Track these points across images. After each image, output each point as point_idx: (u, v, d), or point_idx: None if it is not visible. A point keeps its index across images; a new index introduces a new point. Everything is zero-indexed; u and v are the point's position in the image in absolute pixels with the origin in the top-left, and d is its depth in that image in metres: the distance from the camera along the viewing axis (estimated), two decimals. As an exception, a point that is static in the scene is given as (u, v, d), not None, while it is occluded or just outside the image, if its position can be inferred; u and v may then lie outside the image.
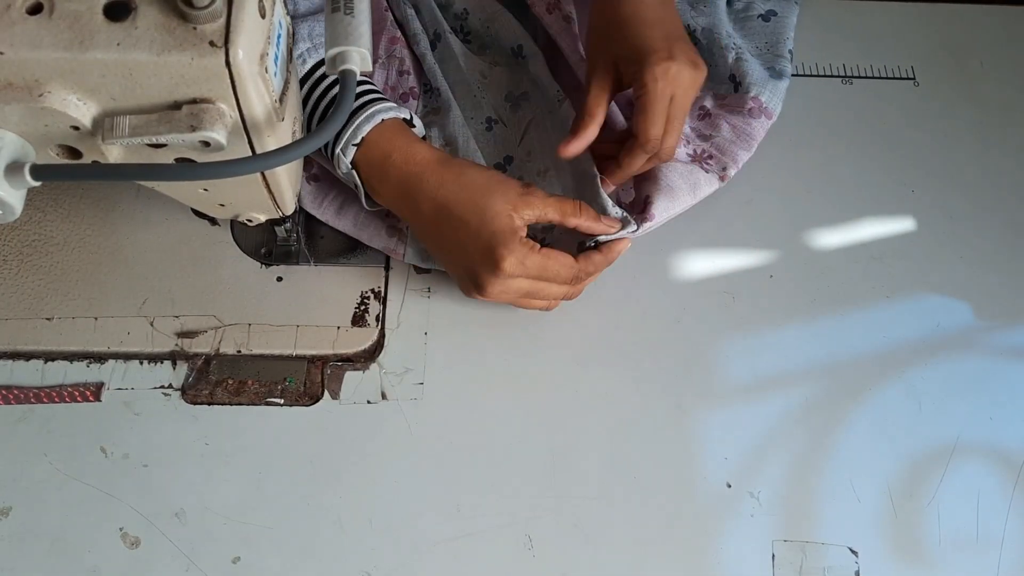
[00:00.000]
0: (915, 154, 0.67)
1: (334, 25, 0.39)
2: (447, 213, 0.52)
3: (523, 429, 0.56)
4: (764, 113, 0.60)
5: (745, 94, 0.60)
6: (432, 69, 0.63)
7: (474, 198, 0.52)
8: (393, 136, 0.53)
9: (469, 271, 0.53)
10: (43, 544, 0.52)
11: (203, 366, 0.57)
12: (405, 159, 0.53)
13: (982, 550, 0.54)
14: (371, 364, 0.58)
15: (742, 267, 0.61)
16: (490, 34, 0.66)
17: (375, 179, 0.54)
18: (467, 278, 0.54)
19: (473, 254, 0.52)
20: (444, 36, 0.64)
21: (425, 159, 0.53)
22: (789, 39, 0.64)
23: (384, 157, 0.53)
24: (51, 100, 0.36)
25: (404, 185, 0.53)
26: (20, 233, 0.60)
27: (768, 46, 0.64)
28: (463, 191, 0.52)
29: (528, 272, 0.52)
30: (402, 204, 0.54)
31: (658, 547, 0.53)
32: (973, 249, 0.63)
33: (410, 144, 0.53)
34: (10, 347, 0.57)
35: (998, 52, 0.72)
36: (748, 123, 0.60)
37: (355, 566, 0.52)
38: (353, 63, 0.39)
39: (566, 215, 0.53)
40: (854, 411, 0.58)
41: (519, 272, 0.52)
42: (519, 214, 0.52)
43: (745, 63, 0.61)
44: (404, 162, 0.53)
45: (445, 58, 0.65)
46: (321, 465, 0.55)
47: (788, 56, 0.63)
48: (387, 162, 0.53)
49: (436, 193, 0.52)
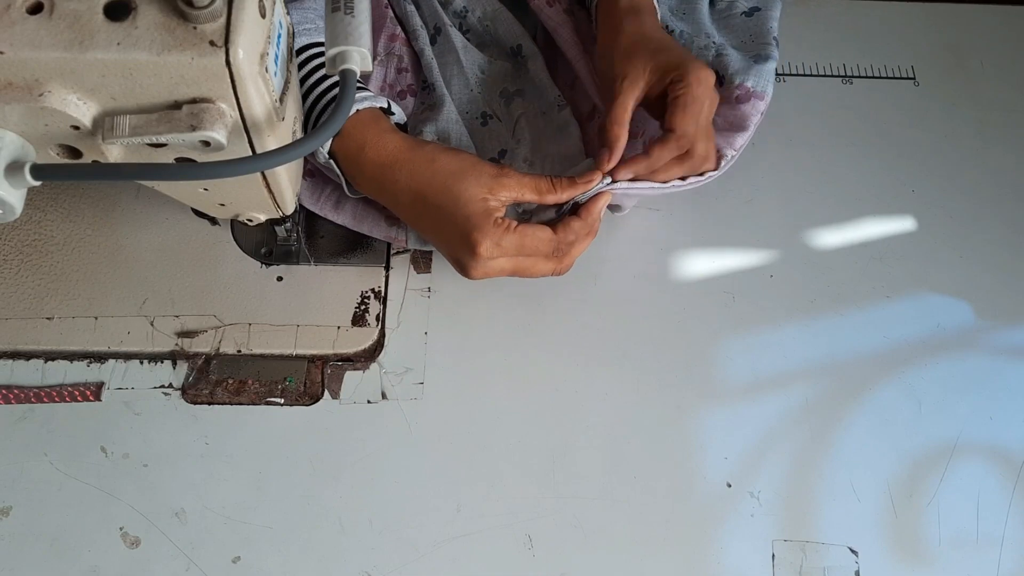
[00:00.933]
0: (915, 154, 0.67)
1: (334, 25, 0.39)
2: (423, 200, 0.52)
3: (523, 429, 0.56)
4: (754, 96, 0.59)
5: (730, 85, 0.60)
6: (429, 64, 0.63)
7: (447, 183, 0.52)
8: (366, 127, 0.53)
9: (452, 255, 0.54)
10: (43, 544, 0.52)
11: (203, 366, 0.57)
12: (377, 151, 0.53)
13: (982, 550, 0.54)
14: (371, 364, 0.58)
15: (742, 267, 0.61)
16: (489, 32, 0.66)
17: (353, 171, 0.54)
18: (453, 260, 0.54)
19: (452, 239, 0.52)
20: (444, 29, 0.65)
21: (396, 148, 0.53)
22: (773, 28, 0.62)
23: (358, 149, 0.53)
24: (51, 100, 0.36)
25: (379, 177, 0.53)
26: (20, 233, 0.60)
27: (752, 38, 0.63)
28: (436, 177, 0.52)
29: (506, 251, 0.52)
30: (381, 195, 0.55)
31: (658, 547, 0.53)
32: (973, 249, 0.64)
33: (381, 134, 0.53)
34: (10, 347, 0.57)
35: (998, 52, 0.72)
36: (737, 109, 0.59)
37: (355, 566, 0.52)
38: (353, 63, 0.39)
39: (542, 192, 0.53)
40: (854, 411, 0.58)
41: (497, 253, 0.52)
42: (495, 196, 0.52)
43: (725, 56, 0.61)
44: (376, 154, 0.53)
45: (444, 51, 0.65)
46: (321, 465, 0.55)
47: (773, 42, 0.62)
48: (361, 154, 0.53)
49: (410, 182, 0.52)
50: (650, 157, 0.54)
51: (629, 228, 0.63)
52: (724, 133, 0.59)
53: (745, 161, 0.65)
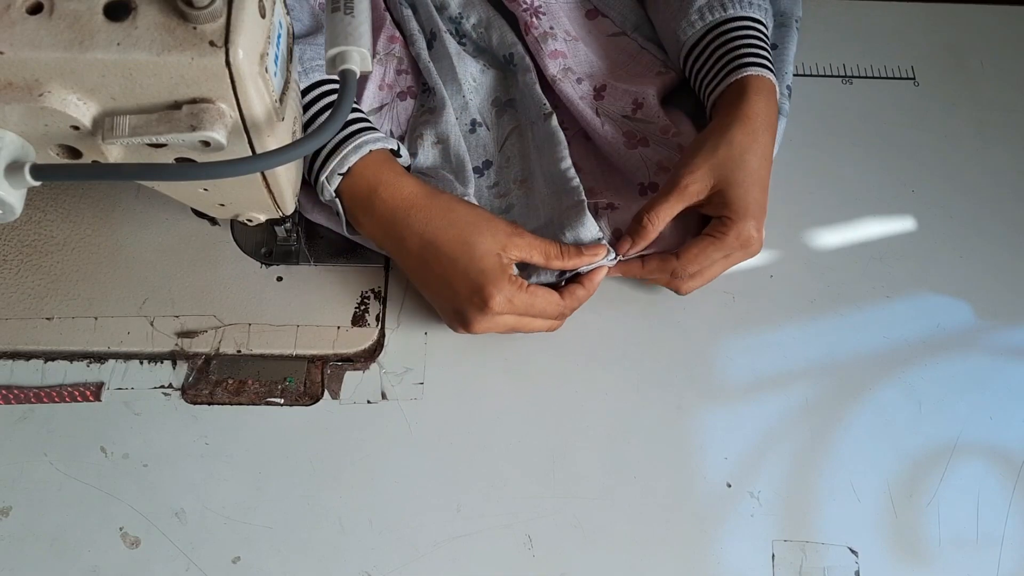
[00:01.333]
0: (915, 154, 0.67)
1: (334, 25, 0.39)
2: (434, 249, 0.52)
3: (523, 429, 0.56)
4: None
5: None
6: (427, 68, 0.63)
7: (463, 235, 0.52)
8: (380, 168, 0.53)
9: (455, 306, 0.53)
10: (43, 544, 0.52)
11: (203, 366, 0.57)
12: (392, 193, 0.53)
13: (982, 550, 0.54)
14: (371, 364, 0.58)
15: (742, 267, 0.61)
16: (484, 39, 0.66)
17: (360, 211, 0.54)
18: (452, 313, 0.54)
19: (460, 291, 0.52)
20: (440, 35, 0.64)
21: (412, 193, 0.53)
22: (788, 74, 0.63)
23: (370, 190, 0.53)
24: (51, 100, 0.36)
25: (390, 220, 0.53)
26: (20, 233, 0.60)
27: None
28: (451, 228, 0.52)
29: (515, 309, 0.52)
30: (387, 238, 0.54)
31: (658, 547, 0.53)
32: (973, 249, 0.64)
33: (398, 177, 0.53)
34: (10, 347, 0.57)
35: (998, 52, 0.72)
36: None
37: (355, 566, 0.52)
38: (353, 63, 0.39)
39: (550, 258, 0.54)
40: (854, 411, 0.58)
41: (507, 309, 0.52)
42: (506, 253, 0.52)
43: None
44: (391, 196, 0.52)
45: (439, 57, 0.65)
46: (321, 465, 0.55)
47: (786, 93, 0.62)
48: (373, 195, 0.53)
49: (423, 229, 0.52)
50: (643, 268, 0.57)
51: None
52: None
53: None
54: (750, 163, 0.54)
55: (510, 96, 0.65)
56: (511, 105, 0.65)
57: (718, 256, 0.55)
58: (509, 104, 0.65)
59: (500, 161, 0.63)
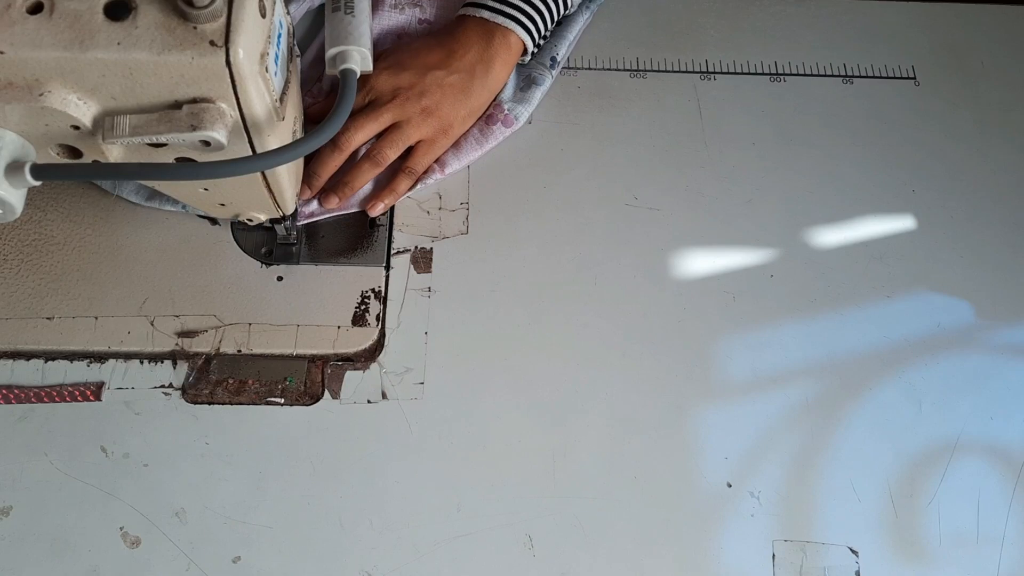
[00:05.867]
0: (915, 154, 0.67)
1: (334, 25, 0.40)
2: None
3: (523, 429, 0.56)
4: (503, 121, 0.64)
5: (500, 104, 0.65)
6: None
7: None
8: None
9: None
10: (43, 544, 0.52)
11: (203, 366, 0.57)
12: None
13: (982, 549, 0.54)
14: (371, 364, 0.58)
15: (742, 267, 0.61)
16: None
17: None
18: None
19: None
20: None
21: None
22: (559, 48, 0.67)
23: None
24: (51, 100, 0.36)
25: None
26: (20, 233, 0.60)
27: (545, 50, 0.67)
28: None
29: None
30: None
31: (658, 547, 0.53)
32: (973, 249, 0.64)
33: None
34: (10, 347, 0.57)
35: (998, 52, 0.72)
36: (489, 128, 0.64)
37: (355, 566, 0.52)
38: (353, 63, 0.40)
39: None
40: (854, 411, 0.58)
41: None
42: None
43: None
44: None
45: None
46: (321, 465, 0.55)
47: (548, 63, 0.66)
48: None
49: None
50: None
51: (628, 228, 0.63)
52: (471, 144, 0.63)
53: (745, 161, 0.65)
54: (411, 47, 0.60)
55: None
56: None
57: (382, 122, 0.58)
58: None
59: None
